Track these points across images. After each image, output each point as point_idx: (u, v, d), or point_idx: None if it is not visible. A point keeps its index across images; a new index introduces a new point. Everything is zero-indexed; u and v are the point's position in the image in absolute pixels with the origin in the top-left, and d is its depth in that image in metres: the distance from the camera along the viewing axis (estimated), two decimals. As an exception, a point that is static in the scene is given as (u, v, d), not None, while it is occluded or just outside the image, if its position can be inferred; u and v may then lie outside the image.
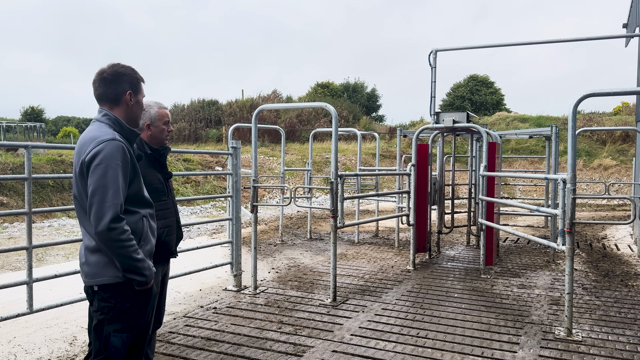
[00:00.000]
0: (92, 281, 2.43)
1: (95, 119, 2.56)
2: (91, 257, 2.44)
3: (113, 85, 2.54)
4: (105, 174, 2.32)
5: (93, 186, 2.32)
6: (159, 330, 4.65)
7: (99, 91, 2.56)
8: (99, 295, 2.46)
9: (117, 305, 2.43)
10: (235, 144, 6.15)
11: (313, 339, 4.51)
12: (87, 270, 2.46)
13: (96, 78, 2.56)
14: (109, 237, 2.31)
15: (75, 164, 2.43)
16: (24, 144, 3.94)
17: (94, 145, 2.36)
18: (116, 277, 2.41)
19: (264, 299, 5.77)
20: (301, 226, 12.34)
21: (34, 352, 4.13)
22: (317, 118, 33.01)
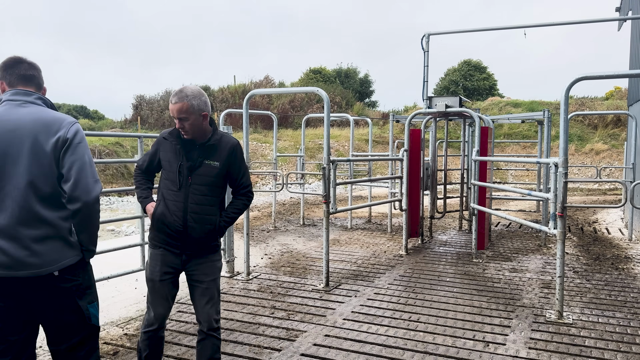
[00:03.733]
0: (52, 268, 2.35)
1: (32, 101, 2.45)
2: (40, 246, 2.33)
3: (40, 74, 2.58)
4: (87, 152, 2.40)
5: (80, 162, 2.35)
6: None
7: (31, 72, 2.53)
8: (60, 279, 2.39)
9: (83, 280, 2.47)
10: (227, 129, 6.08)
11: (306, 324, 4.52)
12: (38, 261, 2.31)
13: (22, 59, 2.52)
14: (94, 209, 2.39)
15: (41, 144, 2.32)
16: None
17: (71, 124, 2.39)
18: (77, 255, 2.43)
19: (256, 285, 5.77)
20: (294, 212, 12.33)
21: (25, 340, 4.10)
22: (309, 104, 32.86)
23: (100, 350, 3.87)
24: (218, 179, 3.00)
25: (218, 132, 3.06)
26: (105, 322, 4.56)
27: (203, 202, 2.97)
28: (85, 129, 30.61)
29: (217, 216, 3.04)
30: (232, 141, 3.08)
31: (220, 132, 3.09)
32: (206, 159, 2.98)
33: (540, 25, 8.29)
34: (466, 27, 8.41)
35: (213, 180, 2.98)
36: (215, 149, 3.00)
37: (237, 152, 3.07)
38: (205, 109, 2.95)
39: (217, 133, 3.05)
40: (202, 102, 2.94)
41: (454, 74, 43.22)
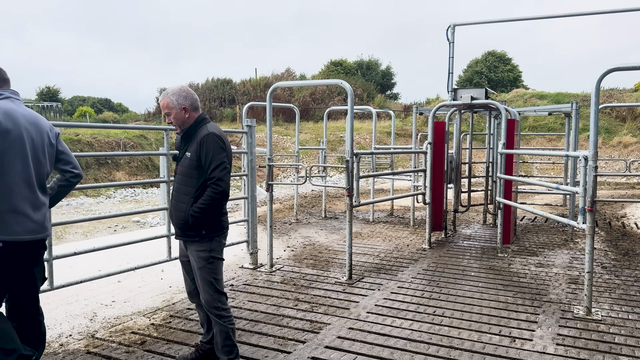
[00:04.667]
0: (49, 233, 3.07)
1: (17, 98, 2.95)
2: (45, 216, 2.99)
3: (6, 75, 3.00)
4: None
5: (66, 148, 3.17)
6: (178, 306, 4.71)
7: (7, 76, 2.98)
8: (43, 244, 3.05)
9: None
10: (250, 122, 6.10)
11: (329, 316, 4.53)
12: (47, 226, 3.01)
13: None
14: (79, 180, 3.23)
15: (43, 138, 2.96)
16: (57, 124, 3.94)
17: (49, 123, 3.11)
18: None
19: (280, 277, 5.80)
20: (316, 205, 12.34)
21: (56, 328, 4.20)
22: (331, 96, 32.76)
23: (128, 340, 3.96)
24: (192, 170, 3.23)
25: (203, 126, 3.28)
26: (132, 312, 4.64)
27: (180, 190, 3.30)
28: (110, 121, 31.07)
29: (189, 205, 3.24)
30: (204, 132, 3.23)
31: (207, 126, 3.29)
32: (187, 151, 3.28)
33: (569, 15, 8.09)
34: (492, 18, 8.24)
35: (187, 170, 3.25)
36: (192, 141, 3.27)
37: (206, 143, 3.19)
38: (184, 102, 3.24)
39: (200, 126, 3.29)
40: (182, 97, 3.25)
41: (478, 66, 42.55)
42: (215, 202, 3.20)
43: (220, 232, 3.36)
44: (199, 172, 3.22)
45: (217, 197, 3.18)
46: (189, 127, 3.29)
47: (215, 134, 3.22)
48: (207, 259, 3.31)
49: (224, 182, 3.19)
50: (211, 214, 3.25)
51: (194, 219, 3.19)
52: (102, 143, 17.10)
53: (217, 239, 3.34)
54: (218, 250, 3.37)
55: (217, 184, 3.18)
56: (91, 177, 15.62)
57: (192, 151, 3.22)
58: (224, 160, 3.21)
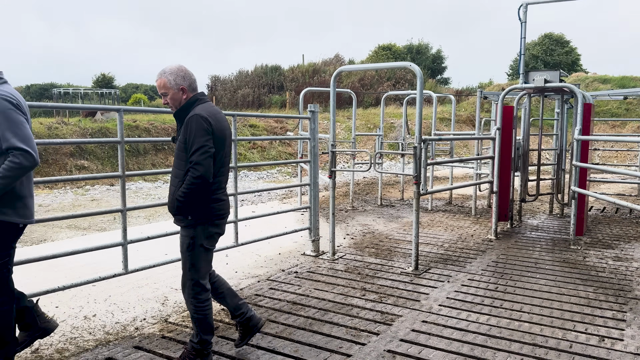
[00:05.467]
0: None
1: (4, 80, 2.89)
2: None
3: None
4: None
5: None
6: (246, 292, 4.69)
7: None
8: None
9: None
10: (314, 107, 5.99)
11: (400, 308, 4.39)
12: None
13: None
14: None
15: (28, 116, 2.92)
16: (117, 107, 3.97)
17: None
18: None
19: (343, 265, 5.70)
20: (369, 192, 12.17)
21: (130, 311, 4.27)
22: (380, 82, 32.27)
23: (202, 325, 3.95)
24: (181, 152, 3.12)
25: (195, 107, 3.13)
26: (202, 296, 4.66)
27: (173, 174, 3.21)
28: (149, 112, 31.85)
29: (177, 189, 3.12)
30: (190, 114, 3.10)
31: (197, 107, 3.13)
32: (180, 134, 3.17)
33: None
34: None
35: (178, 153, 3.16)
36: (182, 123, 3.15)
37: (190, 123, 3.05)
38: (182, 83, 3.11)
39: (193, 107, 3.13)
40: (180, 77, 3.11)
41: (535, 49, 40.78)
42: (195, 187, 3.01)
43: (208, 219, 3.17)
44: (187, 155, 3.09)
45: (196, 182, 3.00)
46: (181, 108, 3.16)
47: (200, 115, 3.03)
48: (188, 245, 3.18)
49: (203, 167, 2.99)
50: (197, 200, 3.09)
51: (179, 203, 3.07)
52: (158, 129, 17.52)
53: (202, 226, 3.16)
54: (201, 238, 3.18)
55: (195, 168, 3.00)
56: (149, 162, 16.05)
57: (181, 133, 3.12)
58: (206, 144, 3.01)
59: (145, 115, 21.43)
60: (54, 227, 8.46)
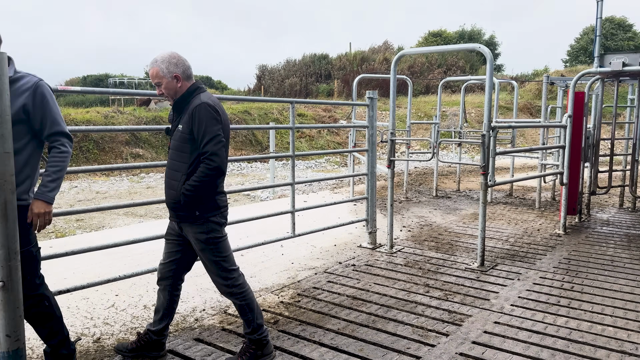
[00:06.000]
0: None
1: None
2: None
3: None
4: None
5: None
6: (304, 284, 4.55)
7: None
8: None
9: None
10: (372, 94, 5.75)
11: (468, 307, 4.12)
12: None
13: None
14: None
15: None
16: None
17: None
18: None
19: (402, 259, 5.46)
20: (422, 183, 11.81)
21: (189, 301, 4.21)
22: (430, 69, 31.44)
23: (262, 318, 3.83)
24: (183, 143, 2.93)
25: (197, 96, 2.95)
26: (260, 287, 4.55)
27: (172, 167, 3.00)
28: (213, 98, 32.27)
29: (181, 182, 2.94)
30: (196, 102, 2.91)
31: (200, 96, 2.95)
32: (179, 123, 2.97)
33: None
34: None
35: (179, 144, 2.95)
36: (183, 112, 2.95)
37: (198, 113, 2.86)
38: (175, 70, 2.93)
39: (193, 96, 2.96)
40: (172, 64, 2.93)
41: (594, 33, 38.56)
42: (210, 178, 2.87)
43: (215, 211, 3.03)
44: (192, 146, 2.91)
45: (212, 173, 2.85)
46: (180, 97, 2.97)
47: (208, 104, 2.89)
48: (207, 240, 3.02)
49: (219, 157, 2.85)
50: (206, 193, 2.93)
51: (186, 197, 2.89)
52: (209, 118, 17.71)
53: (213, 219, 3.02)
54: (217, 230, 3.04)
55: (211, 158, 2.83)
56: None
57: (183, 123, 2.92)
58: (219, 133, 2.87)
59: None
60: (111, 214, 8.64)
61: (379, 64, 32.06)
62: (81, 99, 30.14)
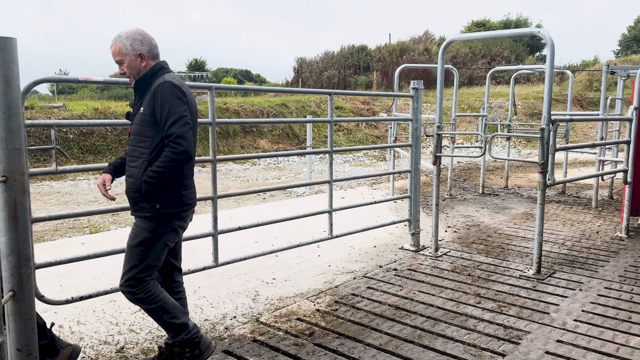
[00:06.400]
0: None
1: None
2: None
3: None
4: None
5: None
6: (342, 290, 4.22)
7: None
8: None
9: None
10: (417, 84, 5.33)
11: (526, 322, 3.69)
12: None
13: None
14: None
15: None
16: (208, 85, 3.61)
17: None
18: None
19: (448, 264, 5.05)
20: (467, 179, 11.25)
21: (219, 307, 3.96)
22: (473, 60, 30.39)
23: (295, 329, 3.54)
24: (145, 127, 2.66)
25: (160, 76, 2.69)
26: (295, 292, 4.25)
27: (132, 153, 2.73)
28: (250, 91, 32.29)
29: (142, 170, 2.65)
30: (158, 82, 2.65)
31: (164, 75, 2.69)
32: (141, 105, 2.70)
33: None
34: None
35: (140, 128, 2.69)
36: (145, 94, 2.69)
37: (161, 92, 2.60)
38: (140, 48, 2.68)
39: (157, 76, 2.70)
40: (137, 41, 2.67)
41: None
42: (176, 164, 2.57)
43: (178, 208, 2.73)
44: (155, 129, 2.64)
45: (178, 158, 2.56)
46: (142, 77, 2.71)
47: (172, 82, 2.62)
48: (143, 239, 2.70)
49: (186, 140, 2.56)
50: (170, 183, 2.65)
51: (149, 185, 2.60)
52: (247, 111, 17.58)
53: (168, 218, 2.72)
54: (164, 232, 2.72)
55: (177, 142, 2.55)
56: (238, 144, 16.16)
57: (145, 105, 2.65)
58: (185, 114, 2.60)
59: (235, 98, 21.72)
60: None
61: (420, 54, 31.24)
62: (124, 93, 30.68)
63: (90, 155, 13.62)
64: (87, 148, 13.67)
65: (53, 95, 31.99)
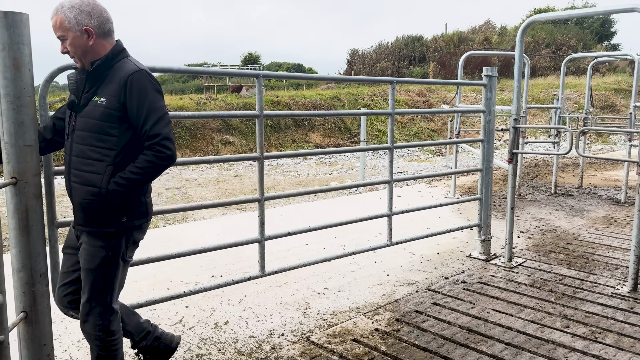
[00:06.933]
0: None
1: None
2: None
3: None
4: None
5: None
6: (403, 306, 3.71)
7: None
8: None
9: None
10: (490, 71, 4.71)
11: (629, 354, 3.05)
12: None
13: None
14: None
15: None
16: (255, 73, 3.19)
17: None
18: None
19: (525, 276, 4.43)
20: (535, 176, 10.37)
21: (266, 320, 3.55)
22: (537, 49, 28.70)
23: (351, 352, 3.07)
24: (107, 123, 2.17)
25: (122, 60, 2.25)
26: (349, 306, 3.79)
27: (86, 154, 2.19)
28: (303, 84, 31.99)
29: (106, 176, 2.16)
30: (128, 69, 2.19)
31: (130, 60, 2.26)
32: (96, 95, 2.19)
33: None
34: None
35: (98, 124, 2.17)
36: (103, 81, 2.20)
37: (137, 84, 2.16)
38: (87, 22, 2.17)
39: (117, 60, 2.24)
40: (84, 13, 2.16)
41: None
42: (157, 171, 2.19)
43: (143, 219, 2.33)
44: (122, 126, 2.19)
45: (162, 164, 2.17)
46: (102, 61, 2.21)
47: (147, 72, 2.23)
48: (103, 259, 2.24)
49: (172, 143, 2.19)
50: (137, 192, 2.25)
51: (119, 196, 2.16)
52: (299, 104, 17.25)
53: (129, 232, 2.29)
54: (125, 248, 2.30)
55: (165, 144, 2.16)
56: (289, 137, 15.86)
57: (108, 95, 2.17)
58: (167, 111, 2.23)
59: (287, 92, 21.47)
60: (196, 202, 8.34)
61: (479, 44, 29.87)
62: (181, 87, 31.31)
63: (144, 149, 13.71)
64: (141, 141, 13.77)
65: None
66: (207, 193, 9.35)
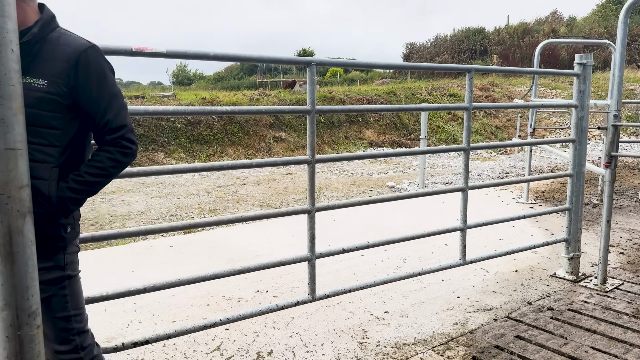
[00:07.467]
0: None
1: None
2: None
3: None
4: None
5: None
6: (479, 339, 3.08)
7: None
8: None
9: None
10: (585, 58, 3.97)
11: None
12: None
13: None
14: None
15: None
16: (307, 60, 2.68)
17: None
18: None
19: (626, 303, 3.68)
20: (616, 179, 9.30)
21: (316, 352, 3.03)
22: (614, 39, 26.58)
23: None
24: (47, 113, 1.68)
25: (54, 30, 1.74)
26: (414, 337, 3.20)
27: (39, 150, 1.70)
28: (357, 79, 31.32)
29: (53, 181, 1.70)
30: (76, 44, 1.72)
31: (63, 31, 1.75)
32: (27, 75, 1.65)
33: None
34: None
35: (34, 113, 1.65)
36: (37, 57, 1.69)
37: (90, 64, 1.71)
38: None
39: (50, 30, 1.72)
40: None
41: None
42: (119, 170, 1.81)
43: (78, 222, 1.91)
44: (67, 117, 1.73)
45: (127, 162, 1.80)
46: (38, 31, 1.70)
47: (97, 49, 1.76)
48: (57, 280, 1.79)
49: (134, 135, 1.81)
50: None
51: (75, 204, 1.74)
52: (353, 100, 16.68)
53: (75, 242, 1.86)
54: (76, 262, 1.86)
55: (129, 138, 1.78)
56: (342, 134, 15.32)
57: (49, 77, 1.68)
58: (123, 97, 1.82)
59: (341, 87, 20.95)
60: (246, 204, 7.98)
61: (544, 36, 28.07)
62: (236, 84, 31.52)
63: (197, 145, 13.59)
64: (194, 138, 13.65)
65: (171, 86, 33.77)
66: (257, 192, 8.98)
